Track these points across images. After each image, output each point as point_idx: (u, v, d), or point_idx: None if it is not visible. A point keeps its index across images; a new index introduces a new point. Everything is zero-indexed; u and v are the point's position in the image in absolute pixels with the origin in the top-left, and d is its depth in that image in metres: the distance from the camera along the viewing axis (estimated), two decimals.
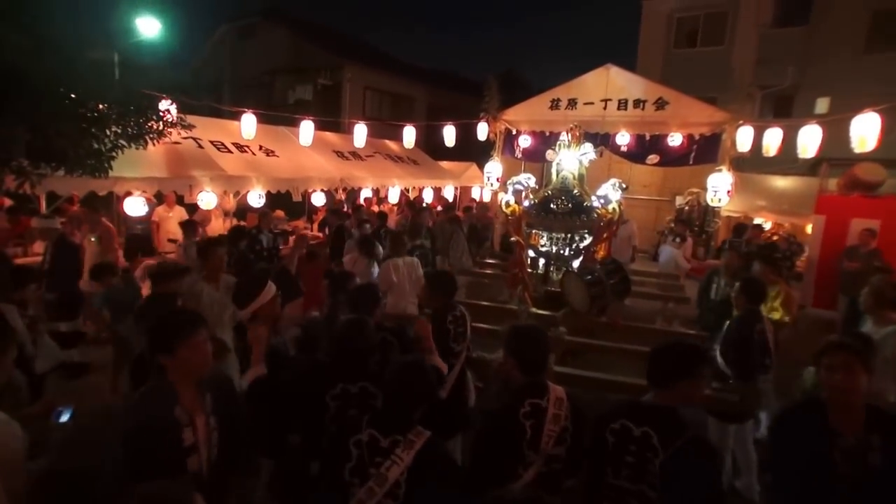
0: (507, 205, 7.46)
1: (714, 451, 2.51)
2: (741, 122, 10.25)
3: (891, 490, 2.56)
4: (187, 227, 8.10)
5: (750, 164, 13.50)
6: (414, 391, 2.50)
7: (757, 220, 12.02)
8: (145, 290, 7.35)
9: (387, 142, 16.19)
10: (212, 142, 10.48)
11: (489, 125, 12.69)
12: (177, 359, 2.52)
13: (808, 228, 9.87)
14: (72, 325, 6.57)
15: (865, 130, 7.26)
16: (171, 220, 9.59)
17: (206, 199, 9.29)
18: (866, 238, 8.12)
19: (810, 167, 12.24)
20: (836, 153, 8.53)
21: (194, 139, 9.66)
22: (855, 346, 2.80)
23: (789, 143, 8.81)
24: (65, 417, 3.00)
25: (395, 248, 6.77)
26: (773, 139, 9.38)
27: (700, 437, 2.51)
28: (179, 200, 9.95)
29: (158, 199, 9.58)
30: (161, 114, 6.51)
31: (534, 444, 2.64)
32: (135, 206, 8.74)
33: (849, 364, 2.67)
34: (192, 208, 10.02)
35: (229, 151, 10.64)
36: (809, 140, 8.37)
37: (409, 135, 12.42)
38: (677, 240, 10.31)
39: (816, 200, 9.26)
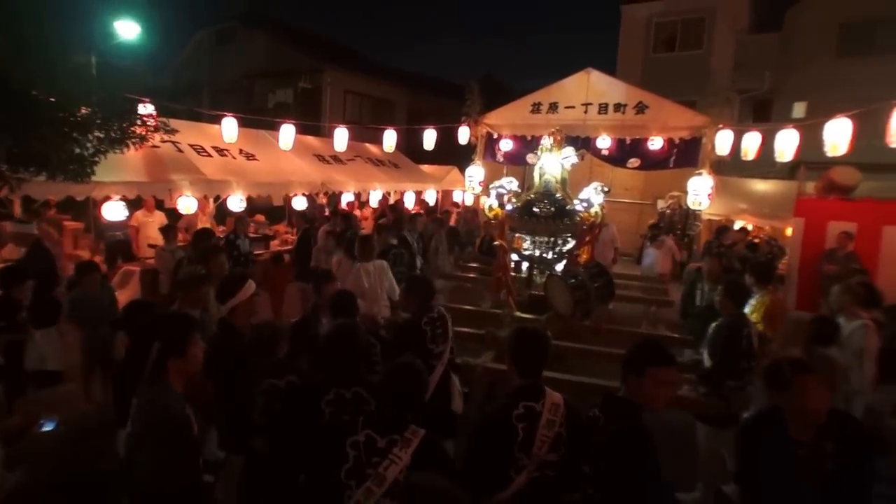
0: (491, 208, 7.46)
1: (640, 438, 2.49)
2: (720, 125, 10.37)
3: (846, 494, 2.66)
4: (167, 231, 8.00)
5: (730, 168, 13.65)
6: (409, 390, 2.52)
7: (738, 223, 12.14)
8: (122, 296, 7.27)
9: (367, 145, 16.08)
10: (191, 145, 10.35)
11: (470, 129, 12.73)
12: (186, 359, 2.66)
13: (788, 231, 9.96)
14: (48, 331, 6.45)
15: (837, 136, 7.42)
16: (151, 224, 9.41)
17: (186, 204, 9.18)
18: (844, 241, 8.21)
19: (789, 170, 12.39)
20: (813, 157, 8.63)
21: (173, 143, 9.54)
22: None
23: (768, 146, 8.92)
24: (48, 427, 2.98)
25: (365, 253, 6.23)
26: (751, 143, 9.51)
27: (634, 425, 2.55)
28: (159, 205, 9.82)
29: (135, 204, 9.44)
30: (144, 118, 6.45)
31: (525, 448, 2.63)
32: (113, 210, 8.61)
33: (821, 383, 2.75)
34: (172, 213, 9.89)
35: (209, 155, 10.52)
36: (787, 144, 8.50)
37: (390, 138, 12.36)
38: (647, 243, 10.40)
39: (795, 203, 9.35)
